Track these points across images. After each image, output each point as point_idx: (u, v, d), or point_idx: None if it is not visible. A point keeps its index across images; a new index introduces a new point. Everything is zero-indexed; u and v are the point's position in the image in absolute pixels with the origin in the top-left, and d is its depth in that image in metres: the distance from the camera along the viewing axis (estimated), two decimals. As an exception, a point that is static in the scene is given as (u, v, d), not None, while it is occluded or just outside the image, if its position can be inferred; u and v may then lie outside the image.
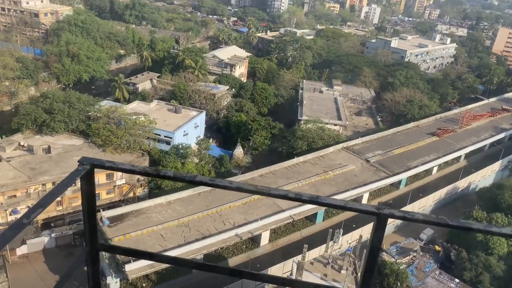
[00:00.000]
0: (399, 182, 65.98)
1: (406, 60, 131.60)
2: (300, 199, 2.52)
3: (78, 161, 2.53)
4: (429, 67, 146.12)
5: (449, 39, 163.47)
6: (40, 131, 65.00)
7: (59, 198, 42.34)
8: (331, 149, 68.20)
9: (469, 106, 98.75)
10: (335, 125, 79.41)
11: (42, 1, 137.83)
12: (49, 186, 54.10)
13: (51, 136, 64.56)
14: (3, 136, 64.76)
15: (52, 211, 54.15)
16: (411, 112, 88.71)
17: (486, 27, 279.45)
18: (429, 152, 73.19)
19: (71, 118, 65.65)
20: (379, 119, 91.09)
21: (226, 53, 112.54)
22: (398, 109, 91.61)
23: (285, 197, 2.53)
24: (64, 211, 55.39)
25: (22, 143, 61.94)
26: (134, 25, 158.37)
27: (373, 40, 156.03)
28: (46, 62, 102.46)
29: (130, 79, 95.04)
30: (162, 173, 2.51)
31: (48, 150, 60.92)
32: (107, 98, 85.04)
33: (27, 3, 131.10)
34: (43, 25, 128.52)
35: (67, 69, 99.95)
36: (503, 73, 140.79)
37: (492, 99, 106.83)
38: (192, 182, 2.54)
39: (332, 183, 60.00)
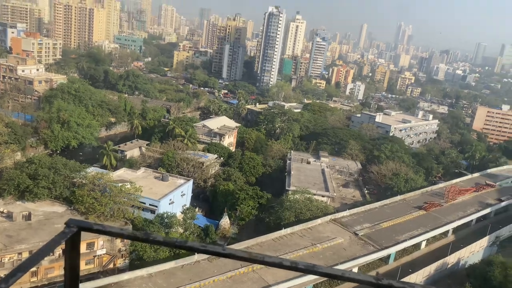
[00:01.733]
0: (388, 256, 64.60)
1: (391, 134, 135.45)
2: (296, 267, 2.41)
3: (65, 223, 2.41)
4: (413, 141, 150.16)
5: (431, 116, 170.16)
6: (22, 197, 63.36)
7: (34, 268, 40.22)
8: (319, 220, 67.37)
9: (454, 181, 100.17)
10: (323, 196, 79.24)
11: (37, 70, 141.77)
12: (26, 255, 51.55)
13: (33, 203, 62.83)
14: (-17, 201, 62.80)
15: (25, 282, 51.10)
16: (397, 185, 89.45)
17: (465, 105, 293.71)
18: (417, 226, 72.67)
19: (55, 184, 64.47)
20: (366, 191, 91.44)
21: (216, 123, 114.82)
22: (385, 182, 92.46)
23: (280, 265, 2.42)
24: (38, 283, 52.30)
25: (1, 209, 59.98)
26: (126, 95, 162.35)
27: (358, 115, 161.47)
28: (36, 128, 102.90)
29: (119, 146, 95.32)
30: (151, 238, 2.40)
31: (28, 217, 58.90)
32: (94, 164, 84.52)
33: (23, 71, 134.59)
34: (36, 92, 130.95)
35: (56, 135, 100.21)
36: (484, 149, 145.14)
37: (476, 174, 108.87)
38: (182, 248, 2.43)
39: (321, 256, 58.43)
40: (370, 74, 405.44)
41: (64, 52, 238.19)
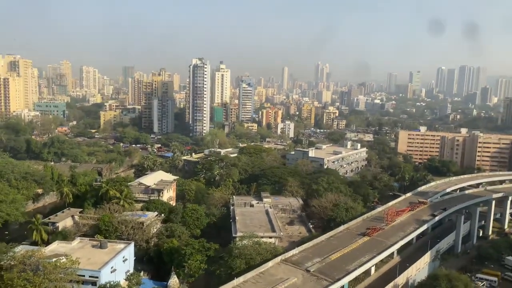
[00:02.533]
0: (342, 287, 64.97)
1: (325, 167, 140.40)
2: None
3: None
4: (346, 171, 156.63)
5: (359, 145, 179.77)
6: None
7: None
8: (270, 263, 66.54)
9: (390, 203, 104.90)
10: (270, 237, 78.88)
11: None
12: None
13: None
14: None
15: None
16: (339, 216, 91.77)
17: (388, 131, 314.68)
18: (363, 253, 74.31)
19: (-22, 272, 57.95)
20: (311, 226, 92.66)
21: (152, 179, 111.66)
22: (327, 213, 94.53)
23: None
24: None
25: None
26: (53, 162, 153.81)
27: (292, 152, 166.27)
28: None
29: (49, 219, 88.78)
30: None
31: None
32: (23, 242, 77.45)
33: None
34: None
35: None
36: (411, 170, 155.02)
37: (408, 194, 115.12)
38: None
39: (276, 300, 57.21)
40: (297, 113, 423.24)
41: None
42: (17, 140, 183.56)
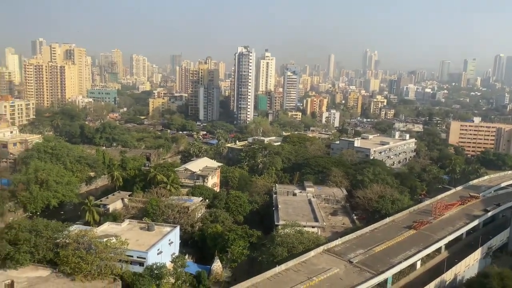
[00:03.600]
0: (385, 281, 63.71)
1: (371, 157, 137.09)
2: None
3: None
4: (393, 162, 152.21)
5: (407, 135, 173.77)
6: (4, 265, 60.60)
7: None
8: (312, 253, 66.40)
9: (439, 196, 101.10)
10: (313, 227, 78.56)
11: (11, 132, 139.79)
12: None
13: (15, 270, 60.11)
14: (-39, 275, 59.74)
15: None
16: (384, 208, 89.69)
17: (438, 121, 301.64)
18: (409, 246, 72.36)
19: (37, 248, 62.11)
20: (355, 217, 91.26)
21: (198, 165, 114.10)
22: (372, 205, 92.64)
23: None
24: None
25: (-19, 281, 57.11)
26: (104, 147, 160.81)
27: (337, 142, 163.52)
28: (13, 192, 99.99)
29: (101, 201, 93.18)
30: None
31: (11, 286, 56.15)
32: (76, 222, 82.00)
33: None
34: (11, 155, 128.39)
35: (35, 196, 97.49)
36: (463, 162, 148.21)
37: (459, 188, 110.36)
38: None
39: (318, 289, 57.15)
40: (343, 101, 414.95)
41: (37, 111, 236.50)
42: (72, 125, 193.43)
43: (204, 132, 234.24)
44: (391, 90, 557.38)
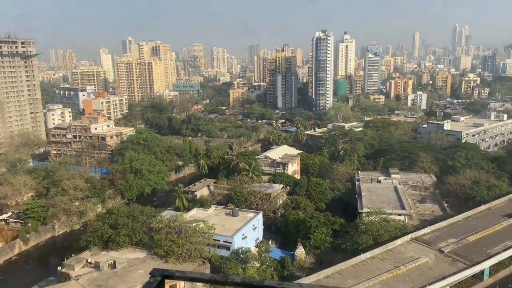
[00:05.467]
0: (482, 272, 59.41)
1: (463, 141, 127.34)
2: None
3: (150, 273, 2.58)
4: (489, 145, 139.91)
5: (505, 115, 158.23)
6: (106, 247, 67.20)
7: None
8: (399, 241, 64.04)
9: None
10: (399, 215, 75.52)
11: (108, 126, 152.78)
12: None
13: (116, 251, 66.34)
14: (72, 254, 67.42)
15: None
16: (479, 194, 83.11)
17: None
18: (510, 236, 66.50)
19: (134, 231, 67.75)
20: (445, 204, 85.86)
21: (278, 153, 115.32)
22: (465, 192, 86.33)
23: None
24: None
25: (89, 260, 63.92)
26: (190, 137, 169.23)
27: (425, 125, 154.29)
28: (112, 180, 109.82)
29: (189, 188, 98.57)
30: (229, 280, 2.48)
31: (113, 265, 62.16)
32: (168, 208, 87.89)
33: (95, 129, 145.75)
34: (109, 147, 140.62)
35: (131, 185, 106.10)
36: None
37: None
38: (260, 287, 2.48)
39: (406, 279, 55.09)
40: (431, 82, 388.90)
41: (129, 106, 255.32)
42: (160, 118, 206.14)
43: (283, 120, 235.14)
44: (485, 67, 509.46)
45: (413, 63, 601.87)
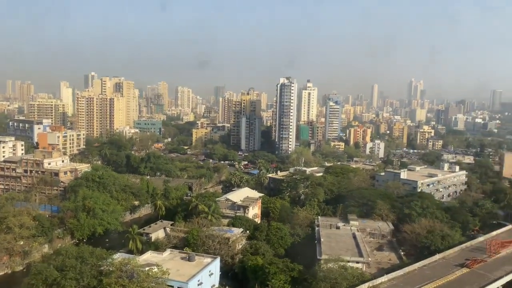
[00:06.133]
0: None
1: (419, 190, 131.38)
2: None
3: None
4: (443, 195, 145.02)
5: (457, 167, 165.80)
6: (50, 291, 62.24)
7: None
8: (356, 290, 63.38)
9: (494, 233, 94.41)
10: (357, 262, 75.28)
11: (63, 161, 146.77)
12: None
13: (60, 296, 61.46)
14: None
15: None
16: (434, 244, 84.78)
17: (491, 153, 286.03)
18: (462, 286, 67.48)
19: (82, 275, 63.43)
20: (402, 253, 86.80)
21: (239, 195, 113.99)
22: (420, 241, 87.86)
23: None
24: None
25: (29, 306, 58.69)
26: (149, 176, 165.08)
27: (382, 173, 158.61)
28: (62, 218, 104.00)
29: (144, 229, 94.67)
30: None
31: (55, 312, 57.27)
32: (120, 250, 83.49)
33: (49, 164, 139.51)
34: (62, 183, 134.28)
35: (82, 224, 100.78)
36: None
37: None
38: None
39: (363, 330, 53.97)
40: (388, 132, 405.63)
41: (87, 141, 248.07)
42: (118, 155, 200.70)
43: (246, 162, 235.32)
44: (438, 120, 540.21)
45: (372, 113, 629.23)
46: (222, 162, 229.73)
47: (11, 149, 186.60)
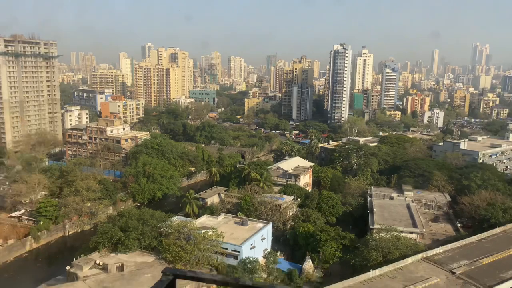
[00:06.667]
0: (494, 297, 57.85)
1: (480, 161, 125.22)
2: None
3: (162, 272, 2.59)
4: (507, 167, 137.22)
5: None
6: (115, 249, 67.51)
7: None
8: (409, 260, 62.89)
9: None
10: (411, 233, 74.33)
11: (123, 129, 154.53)
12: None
13: (125, 254, 66.56)
14: (82, 255, 67.92)
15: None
16: (494, 216, 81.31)
17: None
18: (525, 261, 64.81)
19: (144, 235, 67.99)
20: (459, 225, 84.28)
21: (290, 164, 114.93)
22: (479, 213, 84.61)
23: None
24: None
25: (98, 262, 64.25)
26: (203, 145, 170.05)
27: (441, 143, 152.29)
28: (124, 183, 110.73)
29: (200, 194, 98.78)
30: (241, 283, 2.47)
31: (121, 268, 62.34)
32: (178, 213, 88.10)
33: (111, 131, 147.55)
34: (123, 150, 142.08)
35: (143, 188, 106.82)
36: None
37: None
38: (271, 292, 2.46)
39: (415, 299, 53.97)
40: (448, 100, 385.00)
41: (146, 110, 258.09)
42: (175, 124, 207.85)
43: (297, 132, 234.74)
44: (504, 87, 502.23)
45: (431, 81, 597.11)
46: (274, 131, 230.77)
47: (77, 117, 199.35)
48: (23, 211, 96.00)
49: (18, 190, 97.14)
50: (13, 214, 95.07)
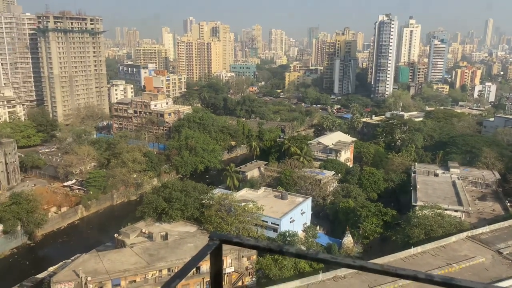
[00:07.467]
0: (544, 279, 55.60)
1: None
2: (431, 280, 2.33)
3: (209, 237, 2.72)
4: None
5: None
6: (160, 218, 70.43)
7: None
8: (453, 238, 61.39)
9: None
10: (456, 211, 72.21)
11: (167, 103, 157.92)
12: (165, 273, 56.74)
13: (168, 224, 69.33)
14: (128, 223, 71.37)
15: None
16: (548, 196, 77.33)
17: None
18: None
19: (186, 206, 70.32)
20: (508, 204, 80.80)
21: (331, 139, 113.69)
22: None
23: (414, 278, 2.36)
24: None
25: (143, 230, 67.39)
26: (244, 119, 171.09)
27: (492, 119, 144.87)
28: (168, 156, 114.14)
29: (240, 168, 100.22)
30: (285, 249, 2.56)
31: (165, 237, 65.11)
32: (219, 186, 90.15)
33: (155, 105, 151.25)
34: (167, 123, 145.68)
35: (185, 161, 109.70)
36: None
37: None
38: (314, 259, 2.54)
39: (458, 277, 52.74)
40: (502, 73, 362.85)
41: (187, 85, 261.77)
42: (216, 98, 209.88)
43: (339, 106, 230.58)
44: None
45: (484, 52, 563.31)
46: (314, 105, 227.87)
47: (122, 91, 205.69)
48: (74, 181, 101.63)
49: (69, 161, 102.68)
50: (65, 184, 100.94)
